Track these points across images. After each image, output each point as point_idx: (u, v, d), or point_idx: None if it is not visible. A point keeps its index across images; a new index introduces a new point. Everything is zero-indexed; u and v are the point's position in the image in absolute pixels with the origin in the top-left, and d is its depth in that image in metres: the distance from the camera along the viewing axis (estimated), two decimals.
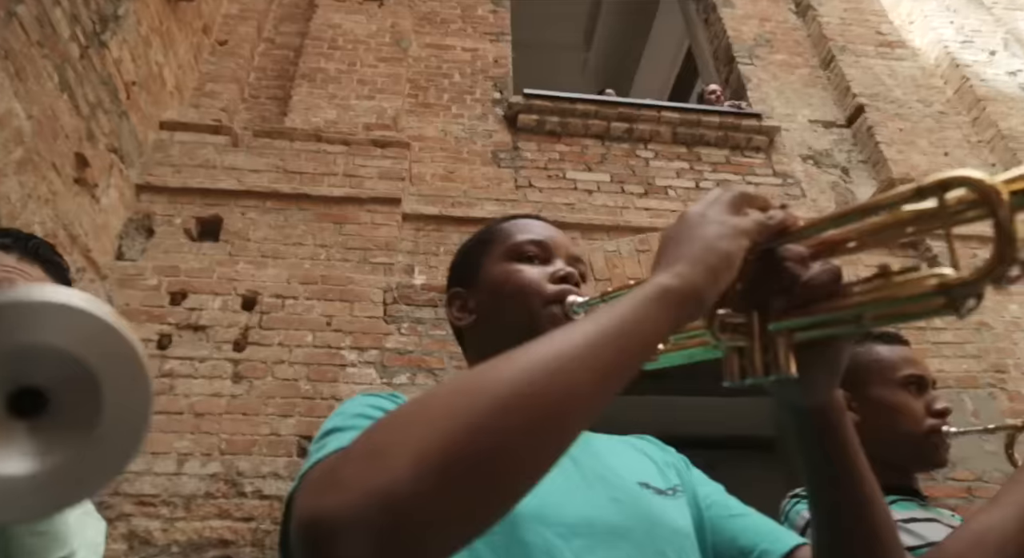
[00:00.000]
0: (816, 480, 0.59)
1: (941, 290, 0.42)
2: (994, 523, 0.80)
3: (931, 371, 1.13)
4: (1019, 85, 4.72)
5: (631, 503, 0.66)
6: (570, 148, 4.14)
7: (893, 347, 1.14)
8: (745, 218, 0.49)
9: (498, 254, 0.80)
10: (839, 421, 0.56)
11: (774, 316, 0.50)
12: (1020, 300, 3.56)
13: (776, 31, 5.11)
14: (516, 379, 0.40)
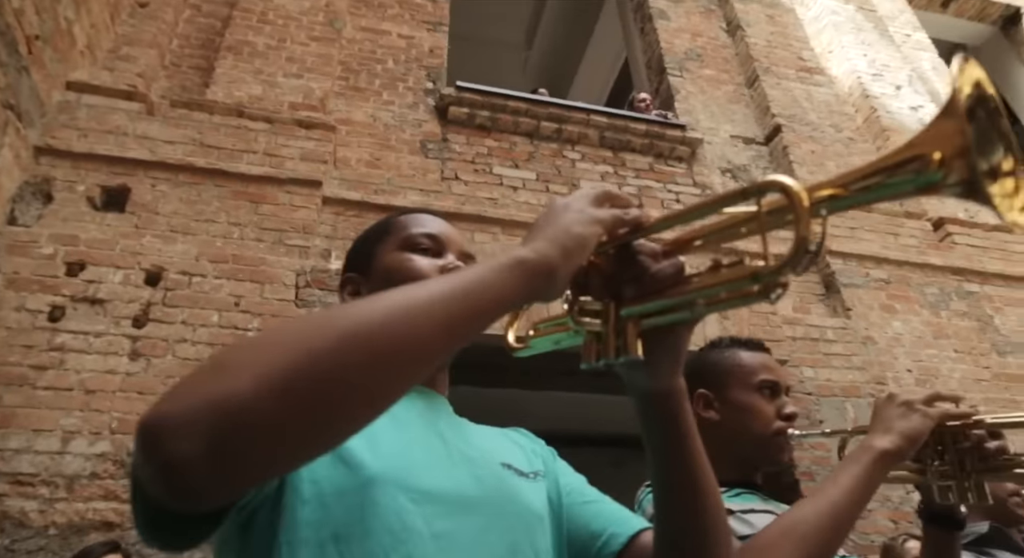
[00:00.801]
0: (657, 461, 0.64)
1: (753, 278, 0.48)
2: (805, 515, 0.88)
3: (786, 378, 1.21)
4: (919, 120, 5.06)
5: (490, 480, 0.69)
6: (499, 144, 4.17)
7: (754, 353, 1.22)
8: (603, 211, 0.55)
9: (393, 244, 0.83)
10: (679, 406, 0.61)
11: (626, 303, 0.55)
12: (903, 318, 3.83)
13: (707, 47, 5.30)
14: (364, 319, 0.44)
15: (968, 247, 4.32)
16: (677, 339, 0.58)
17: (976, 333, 3.91)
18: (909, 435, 0.92)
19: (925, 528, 1.05)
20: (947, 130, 0.41)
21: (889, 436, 0.93)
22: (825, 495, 0.92)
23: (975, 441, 0.96)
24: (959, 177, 0.41)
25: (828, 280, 3.90)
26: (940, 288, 4.05)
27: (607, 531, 0.73)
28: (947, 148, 0.41)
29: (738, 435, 1.17)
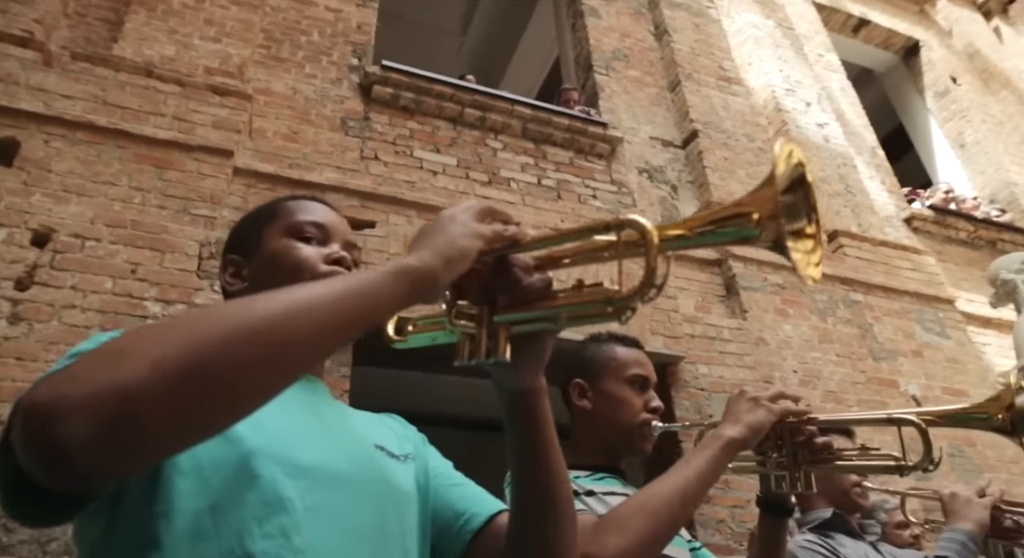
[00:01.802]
0: (516, 450, 0.69)
1: (608, 301, 0.55)
2: (657, 492, 0.97)
3: (654, 374, 1.30)
4: (823, 136, 5.37)
5: (363, 460, 0.72)
6: (422, 127, 4.15)
7: (629, 349, 1.30)
8: (485, 226, 0.60)
9: (279, 229, 0.84)
10: (539, 403, 0.68)
11: (499, 310, 0.61)
12: (794, 322, 4.08)
13: (634, 48, 5.43)
14: (253, 316, 0.47)
15: (857, 259, 4.64)
16: (541, 345, 0.64)
17: (856, 339, 4.21)
18: (754, 426, 1.03)
19: (761, 514, 1.16)
20: (765, 196, 0.51)
21: (737, 426, 1.03)
22: (676, 475, 1.01)
23: (808, 436, 1.07)
24: (770, 235, 0.50)
25: (729, 282, 4.10)
26: (829, 296, 4.33)
27: (469, 511, 0.78)
28: (764, 211, 0.50)
29: (607, 423, 1.25)
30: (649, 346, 3.48)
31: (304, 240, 0.83)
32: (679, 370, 3.57)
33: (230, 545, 0.58)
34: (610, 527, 0.94)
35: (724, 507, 3.28)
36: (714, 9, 6.06)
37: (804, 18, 6.65)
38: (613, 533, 0.92)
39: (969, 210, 5.89)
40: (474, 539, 0.76)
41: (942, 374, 4.37)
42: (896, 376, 4.19)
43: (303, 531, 0.61)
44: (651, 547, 0.94)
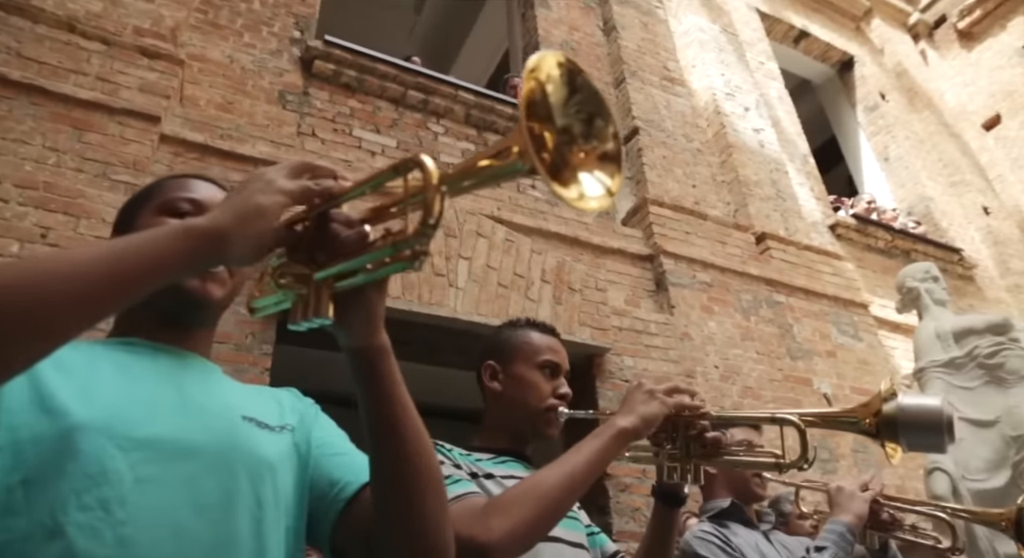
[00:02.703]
0: (364, 415, 0.68)
1: (395, 246, 0.55)
2: (546, 477, 1.00)
3: (566, 362, 1.32)
4: (759, 142, 5.55)
5: (222, 430, 0.71)
6: (363, 106, 4.08)
7: (544, 336, 1.31)
8: (292, 182, 0.59)
9: (153, 207, 0.82)
10: (379, 363, 0.67)
11: (319, 268, 0.60)
12: (718, 319, 4.21)
13: (582, 42, 5.47)
14: (24, 273, 0.47)
15: (782, 262, 4.82)
16: (367, 301, 0.64)
17: (776, 338, 4.39)
18: (646, 418, 1.06)
19: (655, 503, 1.20)
20: (519, 133, 0.50)
21: (630, 417, 1.06)
22: (567, 461, 1.04)
23: (700, 431, 1.11)
24: (528, 165, 0.50)
25: (659, 278, 4.20)
26: (753, 296, 4.49)
27: (344, 480, 0.77)
28: (521, 143, 0.50)
29: (515, 406, 1.26)
30: (576, 336, 3.55)
31: (177, 216, 0.80)
32: (605, 361, 3.64)
33: (41, 519, 0.57)
34: (498, 509, 0.95)
35: (641, 496, 3.37)
36: (662, 9, 6.15)
37: (748, 26, 6.83)
38: (500, 515, 0.94)
39: (888, 221, 6.19)
40: (347, 507, 0.75)
41: (852, 374, 4.60)
42: (810, 375, 4.39)
43: (128, 503, 0.60)
44: (536, 529, 0.97)
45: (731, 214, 5.06)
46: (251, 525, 0.68)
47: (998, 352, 2.97)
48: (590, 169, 0.57)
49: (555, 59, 0.55)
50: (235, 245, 0.56)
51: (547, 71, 0.54)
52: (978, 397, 2.99)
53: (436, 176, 0.53)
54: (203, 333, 0.83)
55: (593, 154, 0.58)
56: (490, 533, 0.92)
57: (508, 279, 3.59)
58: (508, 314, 3.49)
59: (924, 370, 3.19)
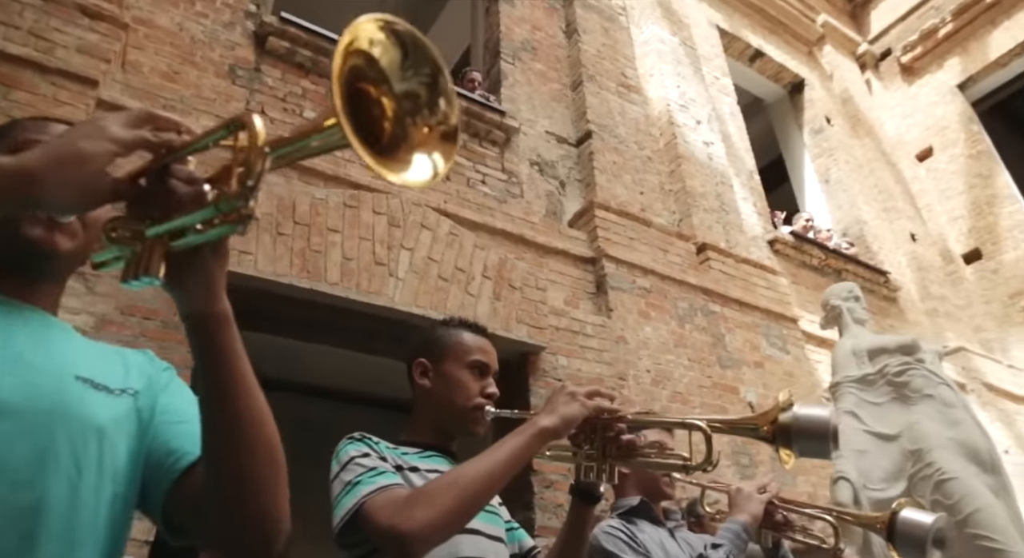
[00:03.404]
0: (201, 385, 0.66)
1: (219, 204, 0.55)
2: (466, 471, 1.05)
3: (496, 363, 1.36)
4: (708, 155, 5.70)
5: (47, 389, 0.68)
6: (316, 88, 4.02)
7: (475, 336, 1.36)
8: (128, 131, 0.57)
9: (3, 146, 0.78)
10: (216, 331, 0.64)
11: (151, 224, 0.58)
12: (654, 325, 4.32)
13: (543, 42, 5.50)
14: None
15: (720, 273, 4.97)
16: (204, 264, 0.61)
17: (708, 347, 4.52)
18: (567, 418, 1.11)
19: (572, 500, 1.24)
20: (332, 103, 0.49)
21: (552, 417, 1.11)
22: (488, 457, 1.08)
23: (616, 433, 1.16)
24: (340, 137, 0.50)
25: (600, 281, 4.28)
26: (690, 304, 4.62)
27: (182, 449, 0.74)
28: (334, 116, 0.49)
29: (443, 404, 1.29)
30: (513, 334, 3.59)
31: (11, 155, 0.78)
32: (540, 360, 3.69)
33: None
34: (419, 500, 1.00)
35: (565, 493, 3.43)
36: (625, 17, 6.24)
37: (707, 41, 6.99)
38: (422, 506, 0.98)
39: (823, 240, 6.45)
40: (181, 477, 0.72)
41: (778, 385, 4.78)
42: (738, 384, 4.54)
43: None
44: (456, 520, 1.01)
45: (675, 223, 5.19)
46: (65, 491, 0.65)
47: (905, 371, 3.14)
48: (429, 150, 0.56)
49: (374, 24, 0.53)
50: (48, 190, 0.54)
51: (368, 37, 0.53)
52: (884, 412, 3.15)
53: (262, 137, 0.52)
54: (49, 287, 0.78)
55: (436, 132, 0.57)
56: (411, 522, 0.96)
57: (449, 272, 3.60)
58: (447, 307, 3.50)
59: (839, 384, 3.34)
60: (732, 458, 4.34)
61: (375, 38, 0.52)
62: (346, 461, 1.13)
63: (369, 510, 1.01)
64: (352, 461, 1.12)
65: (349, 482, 1.08)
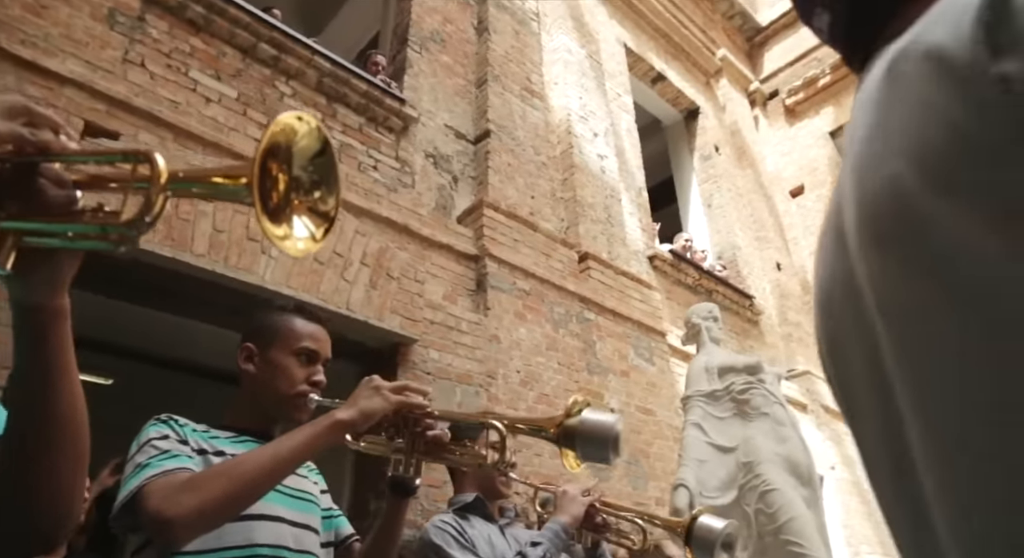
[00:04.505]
0: (21, 370, 0.64)
1: (107, 228, 0.55)
2: (245, 460, 1.05)
3: (328, 351, 1.35)
4: (601, 167, 5.90)
5: None
6: (206, 47, 3.81)
7: (307, 323, 1.34)
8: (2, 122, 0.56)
9: None
10: (52, 326, 0.63)
11: (7, 217, 0.57)
12: (529, 327, 4.43)
13: (453, 36, 5.49)
14: None
15: (599, 282, 5.16)
16: (57, 265, 0.61)
17: (579, 352, 4.69)
18: (366, 412, 1.12)
19: (387, 493, 1.26)
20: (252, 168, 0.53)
21: (351, 410, 1.12)
22: (274, 446, 1.08)
23: (423, 428, 1.19)
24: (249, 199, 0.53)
25: (481, 279, 4.33)
26: (566, 310, 4.76)
27: None
28: (250, 178, 0.53)
29: (265, 390, 1.28)
30: (385, 324, 3.57)
31: None
32: (411, 352, 3.69)
33: None
34: (190, 487, 0.98)
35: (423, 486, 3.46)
36: (537, 23, 6.34)
37: (614, 58, 7.23)
38: (191, 491, 0.97)
39: (699, 260, 6.84)
40: None
41: (640, 395, 5.03)
42: (603, 390, 4.74)
43: None
44: (224, 509, 0.99)
45: (562, 230, 5.34)
46: None
47: (748, 390, 3.41)
48: (304, 217, 0.61)
49: (316, 124, 0.58)
50: None
51: (305, 129, 0.59)
52: (726, 426, 3.40)
53: (165, 176, 0.53)
54: None
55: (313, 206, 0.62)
56: (177, 508, 0.94)
57: (326, 256, 3.53)
58: (320, 291, 3.43)
59: (690, 398, 3.57)
60: (625, 469, 4.53)
61: (303, 131, 0.57)
62: (144, 442, 1.11)
63: (144, 493, 0.99)
64: (149, 442, 1.09)
65: (139, 464, 1.05)
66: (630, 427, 4.77)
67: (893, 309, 0.38)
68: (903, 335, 0.37)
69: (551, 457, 4.07)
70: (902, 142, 0.36)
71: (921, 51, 0.35)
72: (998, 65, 0.30)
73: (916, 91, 0.35)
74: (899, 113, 0.37)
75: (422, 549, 1.60)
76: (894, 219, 0.36)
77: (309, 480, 1.33)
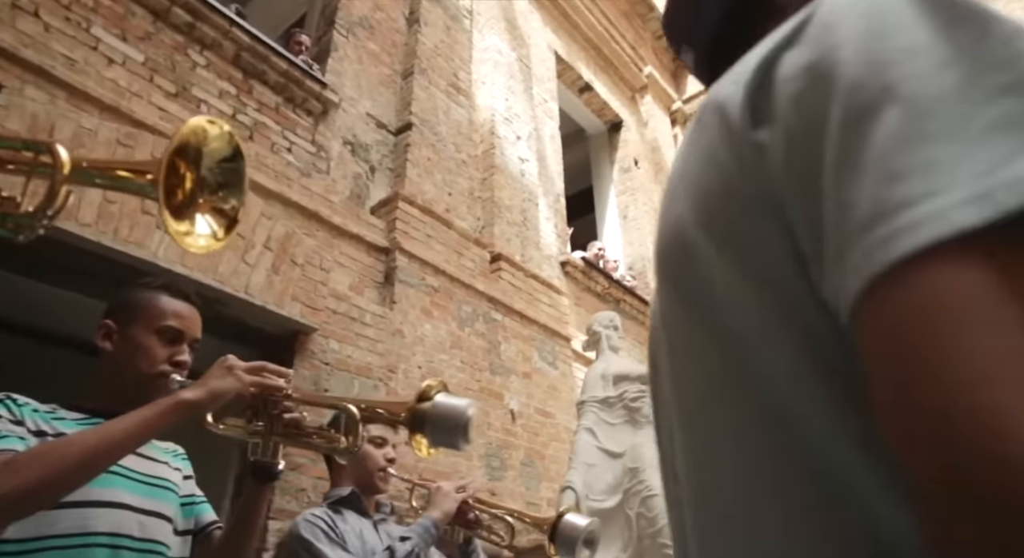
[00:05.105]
0: None
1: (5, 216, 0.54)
2: (71, 441, 1.00)
3: (195, 332, 1.30)
4: (521, 170, 5.96)
5: None
6: (113, 4, 3.59)
7: (173, 300, 1.28)
8: None
9: None
10: None
11: None
12: (435, 323, 4.41)
13: (383, 23, 5.41)
14: None
15: (509, 284, 5.21)
16: None
17: (483, 352, 4.72)
18: (214, 392, 1.09)
19: (248, 478, 1.23)
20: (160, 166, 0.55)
21: (198, 390, 1.08)
22: (106, 427, 1.03)
23: (281, 411, 1.17)
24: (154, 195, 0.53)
25: (390, 272, 4.29)
26: (473, 309, 4.78)
27: None
28: (156, 175, 0.55)
29: (122, 368, 1.22)
30: (285, 310, 3.47)
31: None
32: (310, 341, 3.61)
33: None
34: (10, 467, 0.93)
35: (310, 477, 3.39)
36: (469, 20, 6.34)
37: (544, 64, 7.32)
38: (10, 473, 0.91)
39: (610, 270, 7.02)
40: None
41: (540, 396, 5.12)
42: (504, 391, 4.79)
43: None
44: (43, 492, 0.94)
45: (477, 229, 5.35)
46: None
47: (640, 398, 3.53)
48: (208, 216, 0.62)
49: (229, 130, 0.63)
50: None
51: (216, 132, 0.62)
52: (616, 433, 3.51)
53: (67, 168, 0.53)
54: None
55: (218, 206, 0.63)
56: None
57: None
58: (217, 272, 3.30)
59: (584, 403, 3.67)
60: (520, 469, 4.57)
61: (214, 134, 0.63)
62: None
63: None
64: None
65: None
66: (528, 429, 4.85)
67: (674, 342, 0.41)
68: (675, 373, 0.40)
69: (446, 454, 4.08)
70: (691, 184, 0.39)
71: (715, 102, 0.38)
72: (755, 132, 0.33)
73: (707, 138, 0.38)
74: (695, 157, 0.40)
75: (290, 542, 1.57)
76: (675, 255, 0.39)
77: (168, 465, 1.28)
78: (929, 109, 0.26)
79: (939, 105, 0.26)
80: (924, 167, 0.24)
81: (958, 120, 0.25)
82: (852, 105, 0.28)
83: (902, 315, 0.23)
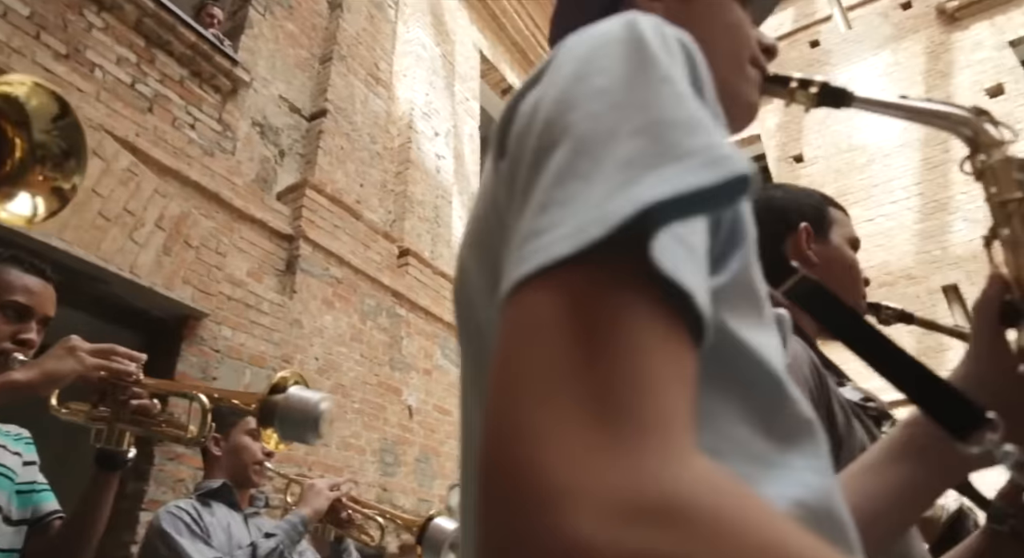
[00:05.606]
0: None
1: None
2: None
3: (47, 309, 1.22)
4: (437, 167, 5.95)
5: None
6: None
7: (24, 274, 1.20)
8: None
9: None
10: None
11: None
12: (336, 315, 4.34)
13: (302, 4, 5.26)
14: None
15: (415, 280, 5.19)
16: None
17: (384, 347, 4.68)
18: (51, 374, 1.05)
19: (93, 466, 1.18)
20: None
21: (32, 371, 1.04)
22: None
23: (129, 396, 1.13)
24: None
25: (291, 261, 4.19)
26: (377, 302, 4.74)
27: None
28: None
29: None
30: (174, 293, 3.34)
31: None
32: (200, 326, 3.47)
33: None
34: None
35: (189, 467, 3.26)
36: (394, 11, 6.26)
37: (468, 62, 7.32)
38: None
39: None
40: None
41: (440, 394, 5.13)
42: (403, 387, 4.77)
43: None
44: None
45: (388, 223, 5.30)
46: None
47: None
48: (36, 194, 0.58)
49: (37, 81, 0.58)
50: None
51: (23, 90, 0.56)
52: None
53: None
54: None
55: (49, 184, 0.59)
56: None
57: (115, 212, 3.22)
58: (100, 249, 3.12)
59: None
60: (414, 465, 4.54)
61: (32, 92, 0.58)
62: None
63: None
64: None
65: None
66: (425, 426, 4.85)
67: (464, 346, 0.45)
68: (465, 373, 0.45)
69: (338, 448, 4.03)
70: (471, 214, 0.44)
71: (495, 125, 0.43)
72: (500, 162, 0.38)
73: (487, 169, 0.43)
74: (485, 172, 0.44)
75: (150, 535, 1.52)
76: (456, 283, 0.44)
77: (6, 449, 1.21)
78: (586, 149, 0.29)
79: (594, 145, 0.29)
80: (562, 202, 0.27)
81: (601, 159, 0.28)
82: (540, 142, 0.32)
83: (501, 331, 0.27)
